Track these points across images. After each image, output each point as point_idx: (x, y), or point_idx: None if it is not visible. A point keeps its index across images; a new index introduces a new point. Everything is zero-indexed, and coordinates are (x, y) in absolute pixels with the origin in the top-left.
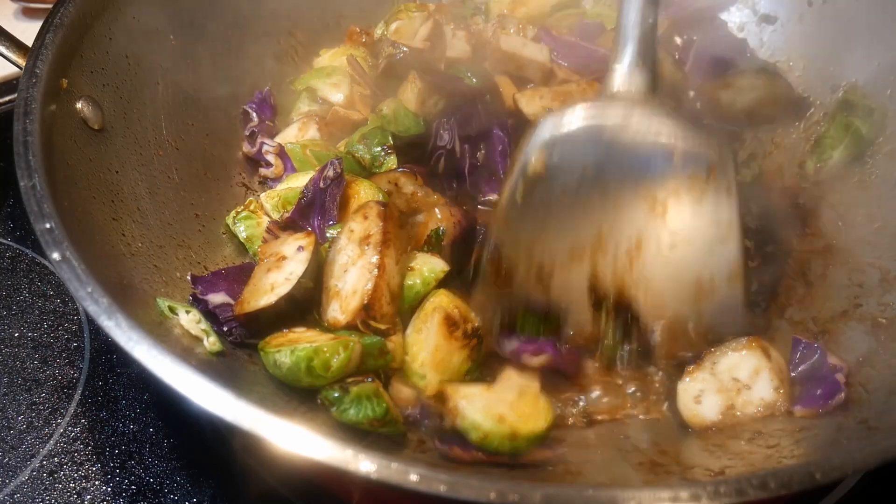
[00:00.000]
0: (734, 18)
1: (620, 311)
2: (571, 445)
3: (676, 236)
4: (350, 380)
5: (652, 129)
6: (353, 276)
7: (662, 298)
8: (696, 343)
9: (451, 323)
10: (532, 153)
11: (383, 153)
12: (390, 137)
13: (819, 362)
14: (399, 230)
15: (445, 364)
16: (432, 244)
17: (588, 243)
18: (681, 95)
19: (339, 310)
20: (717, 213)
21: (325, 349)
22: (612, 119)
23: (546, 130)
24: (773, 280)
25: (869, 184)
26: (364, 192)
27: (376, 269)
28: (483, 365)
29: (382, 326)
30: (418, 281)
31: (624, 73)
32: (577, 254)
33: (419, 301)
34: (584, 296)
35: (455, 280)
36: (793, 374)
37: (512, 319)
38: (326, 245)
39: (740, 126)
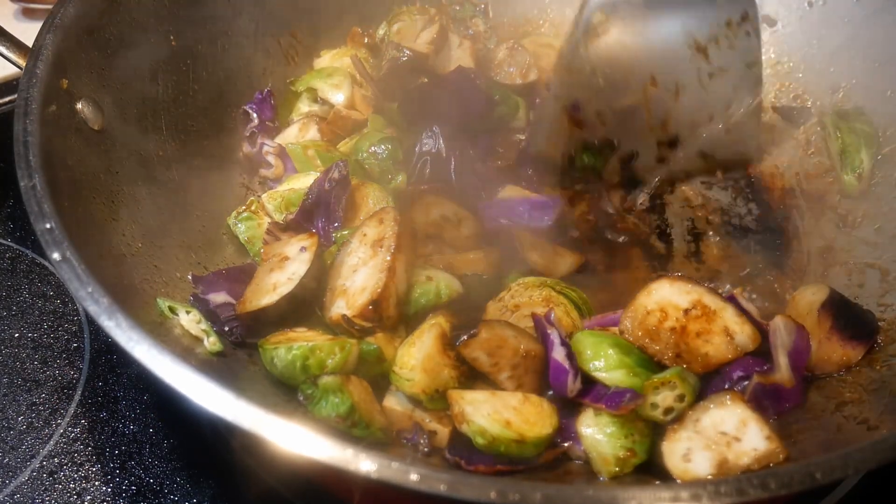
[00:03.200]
0: None
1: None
2: None
3: (714, 66)
4: (323, 376)
5: None
6: (363, 275)
7: (701, 116)
8: (727, 157)
9: (446, 341)
10: (593, 11)
11: (394, 167)
12: (400, 152)
13: None
14: (411, 240)
15: (435, 373)
16: (472, 284)
17: (641, 84)
18: None
19: (344, 306)
20: (748, 44)
21: (322, 349)
22: None
23: None
24: (773, 280)
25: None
26: (373, 197)
27: (387, 270)
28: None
29: (367, 325)
30: (431, 292)
31: None
32: (632, 93)
33: (425, 312)
34: (635, 126)
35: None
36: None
37: (570, 158)
38: (332, 248)
39: None
